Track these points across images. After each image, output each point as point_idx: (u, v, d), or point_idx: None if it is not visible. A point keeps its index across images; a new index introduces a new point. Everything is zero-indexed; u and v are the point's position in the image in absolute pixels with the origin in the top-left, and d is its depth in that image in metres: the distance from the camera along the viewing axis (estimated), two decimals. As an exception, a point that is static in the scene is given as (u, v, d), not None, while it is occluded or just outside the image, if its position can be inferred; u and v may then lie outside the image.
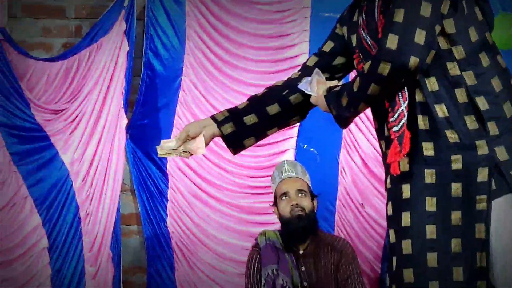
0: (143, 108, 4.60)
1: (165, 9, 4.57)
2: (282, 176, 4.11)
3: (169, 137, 4.37)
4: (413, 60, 2.27)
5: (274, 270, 3.96)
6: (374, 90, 2.36)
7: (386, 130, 2.47)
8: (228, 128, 2.63)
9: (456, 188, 2.40)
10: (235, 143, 2.64)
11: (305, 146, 4.64)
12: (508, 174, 2.35)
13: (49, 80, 4.45)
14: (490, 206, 2.36)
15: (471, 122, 2.40)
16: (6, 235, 4.26)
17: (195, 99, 4.63)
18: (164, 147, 2.60)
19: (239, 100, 4.07)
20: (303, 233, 4.01)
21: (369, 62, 2.36)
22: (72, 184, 4.39)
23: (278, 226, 4.12)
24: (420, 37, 2.33)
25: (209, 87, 4.60)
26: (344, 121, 2.39)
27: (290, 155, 4.54)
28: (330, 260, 4.05)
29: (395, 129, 2.43)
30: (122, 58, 4.43)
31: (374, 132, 2.86)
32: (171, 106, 4.58)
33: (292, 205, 3.94)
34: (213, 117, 2.60)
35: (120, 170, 4.47)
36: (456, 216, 2.40)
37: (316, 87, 2.52)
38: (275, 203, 4.06)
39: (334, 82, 2.56)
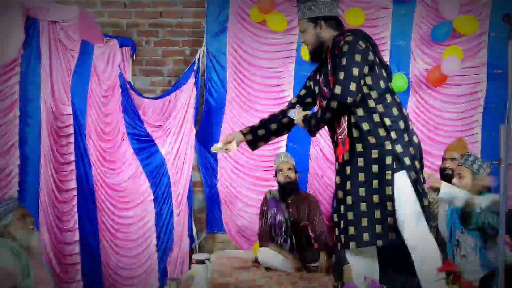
0: (204, 124, 5.68)
1: (215, 71, 5.64)
2: (279, 160, 5.07)
3: (218, 141, 5.20)
4: (350, 100, 3.17)
5: (275, 211, 5.00)
6: (328, 116, 3.29)
7: (335, 137, 3.42)
8: (249, 137, 3.68)
9: (375, 168, 3.26)
10: (253, 145, 3.74)
11: (291, 144, 5.59)
12: (402, 160, 3.25)
13: (153, 109, 5.47)
14: (393, 177, 3.23)
15: (382, 132, 3.27)
16: (133, 192, 5.31)
17: (232, 118, 5.64)
18: (215, 147, 3.74)
19: (256, 119, 4.76)
20: (290, 191, 4.99)
21: (326, 100, 3.26)
22: (166, 165, 5.40)
23: (277, 187, 5.09)
24: (353, 86, 3.18)
25: (239, 112, 5.62)
26: (312, 133, 3.47)
27: (283, 149, 5.54)
28: (305, 206, 5.02)
29: (340, 137, 3.36)
30: (193, 97, 5.47)
31: (329, 137, 3.90)
32: (219, 123, 5.65)
33: (284, 176, 4.97)
34: (241, 131, 3.74)
35: (192, 157, 5.51)
36: (375, 183, 3.25)
37: (297, 115, 3.51)
38: (275, 175, 5.07)
39: (306, 112, 3.52)
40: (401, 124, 3.32)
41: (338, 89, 3.19)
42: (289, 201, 5.04)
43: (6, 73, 4.89)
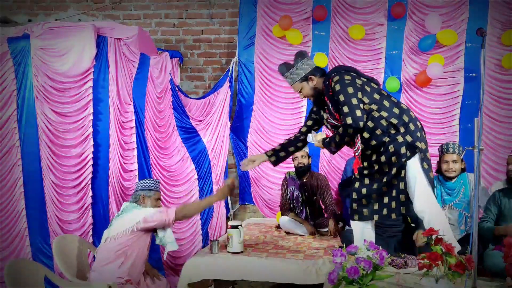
0: (237, 118, 5.72)
1: (246, 76, 5.68)
2: None
3: (248, 132, 5.66)
4: (361, 124, 3.24)
5: (293, 188, 5.02)
6: (348, 140, 3.40)
7: (353, 153, 3.58)
8: (272, 158, 3.88)
9: (394, 159, 3.28)
10: (275, 163, 3.93)
11: None
12: (414, 145, 3.27)
13: (197, 107, 5.49)
14: (406, 163, 3.29)
15: (392, 130, 3.30)
16: (181, 172, 5.29)
17: (259, 114, 5.67)
18: (242, 165, 3.93)
19: (278, 114, 5.51)
20: (303, 174, 5.01)
21: (341, 128, 3.30)
22: (207, 151, 5.44)
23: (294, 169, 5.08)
24: (358, 113, 3.24)
25: (264, 108, 5.65)
26: (333, 153, 3.59)
27: None
28: (316, 184, 5.05)
29: (356, 154, 3.50)
30: (228, 97, 5.51)
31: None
32: (248, 117, 5.70)
33: (298, 162, 4.99)
34: (265, 152, 3.91)
35: (227, 145, 5.58)
36: (394, 170, 3.31)
37: (314, 139, 3.61)
38: (293, 160, 5.05)
39: (321, 135, 3.60)
40: (405, 118, 3.33)
41: (349, 120, 3.23)
42: (304, 180, 5.06)
43: (82, 80, 4.95)
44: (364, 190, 3.40)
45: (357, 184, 3.45)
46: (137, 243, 3.68)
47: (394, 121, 3.29)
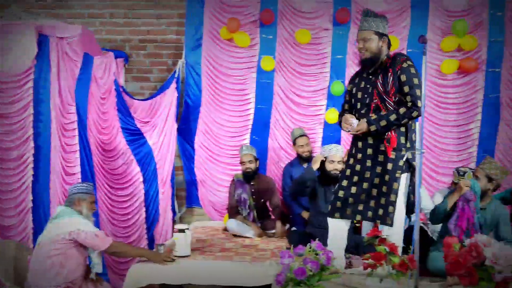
0: (183, 120, 5.65)
1: (193, 78, 5.64)
2: (242, 153, 5.05)
3: (195, 134, 5.60)
4: (420, 113, 3.25)
5: (241, 191, 5.02)
6: (406, 122, 3.31)
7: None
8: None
9: (389, 166, 3.33)
10: None
11: (254, 136, 5.62)
12: (411, 164, 3.32)
13: (142, 109, 5.36)
14: (400, 176, 3.34)
15: (402, 140, 3.36)
16: (126, 175, 5.21)
17: (206, 116, 5.63)
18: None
19: (225, 116, 5.49)
20: (251, 177, 5.02)
21: (404, 109, 3.22)
22: (153, 153, 5.33)
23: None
24: (420, 103, 3.27)
25: (212, 110, 5.61)
26: (376, 131, 3.31)
27: (247, 141, 5.59)
28: (264, 187, 5.07)
29: (387, 144, 3.39)
30: (174, 99, 5.41)
31: (285, 131, 4.69)
32: (195, 119, 5.65)
33: (245, 167, 5.00)
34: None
35: (174, 147, 5.45)
36: (387, 177, 3.34)
37: (354, 127, 3.42)
38: (241, 163, 5.06)
39: (362, 120, 3.40)
40: (413, 136, 3.40)
41: (419, 103, 3.24)
42: (252, 183, 5.08)
43: (22, 79, 4.82)
44: (354, 189, 3.44)
45: (345, 183, 3.49)
46: (73, 251, 3.64)
47: (408, 133, 3.39)
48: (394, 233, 3.31)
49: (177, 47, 5.79)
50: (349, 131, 3.47)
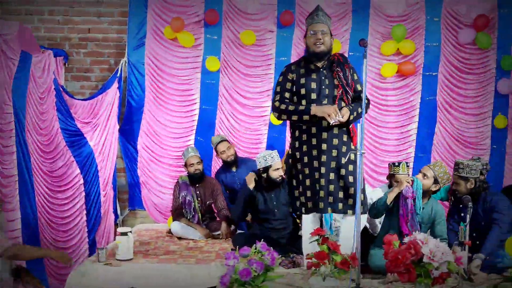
0: (126, 121, 5.62)
1: (136, 78, 5.60)
2: (188, 155, 5.03)
3: (137, 135, 5.58)
4: None
5: (185, 193, 5.02)
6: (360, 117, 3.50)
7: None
8: None
9: (343, 160, 3.49)
10: None
11: (199, 137, 5.62)
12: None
13: (83, 109, 5.29)
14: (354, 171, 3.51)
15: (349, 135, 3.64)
16: (66, 177, 5.07)
17: (150, 117, 5.60)
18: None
19: (169, 117, 5.47)
20: (199, 180, 5.02)
21: (361, 103, 3.32)
22: (94, 155, 5.28)
23: (186, 173, 5.09)
24: None
25: (155, 111, 5.59)
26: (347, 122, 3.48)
27: (191, 142, 5.58)
28: (209, 188, 5.07)
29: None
30: (116, 99, 5.40)
31: (230, 130, 4.69)
32: (139, 120, 5.62)
33: (194, 169, 4.99)
34: None
35: (116, 148, 5.47)
36: (342, 171, 3.52)
37: (339, 117, 3.44)
38: (185, 166, 5.05)
39: (344, 109, 3.48)
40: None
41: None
42: (197, 185, 5.07)
43: (-47, 78, 4.56)
44: (317, 185, 3.52)
45: (308, 182, 3.55)
46: None
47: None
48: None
49: (119, 46, 5.72)
50: (333, 122, 3.46)
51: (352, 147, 3.54)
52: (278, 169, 4.37)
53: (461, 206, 3.94)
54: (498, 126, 5.50)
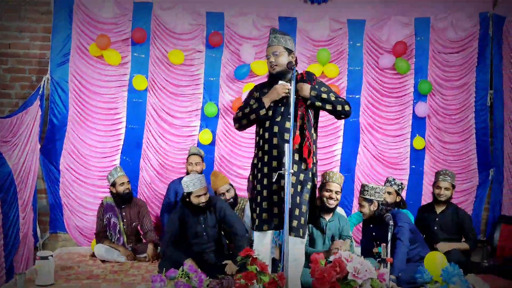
0: (47, 140, 5.45)
1: (59, 95, 5.45)
2: (117, 175, 4.94)
3: (60, 155, 5.40)
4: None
5: (110, 215, 4.96)
6: (338, 108, 3.51)
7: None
8: None
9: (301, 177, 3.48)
10: None
11: (125, 157, 5.52)
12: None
13: (1, 127, 4.86)
14: (310, 188, 3.54)
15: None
16: None
17: (73, 136, 5.45)
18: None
19: (94, 137, 5.38)
20: (126, 200, 4.95)
21: (343, 104, 3.47)
22: (13, 175, 4.91)
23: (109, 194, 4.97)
24: None
25: (80, 130, 5.44)
26: (312, 101, 3.46)
27: (117, 162, 5.47)
28: (135, 209, 5.03)
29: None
30: (38, 117, 5.23)
31: (156, 150, 4.66)
32: (61, 139, 5.46)
33: (125, 188, 4.92)
34: None
35: (36, 168, 5.29)
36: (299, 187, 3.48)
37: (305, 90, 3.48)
38: (113, 186, 4.91)
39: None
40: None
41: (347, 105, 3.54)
42: (123, 206, 5.00)
43: None
44: (265, 204, 3.46)
45: (259, 199, 3.48)
46: None
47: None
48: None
49: (41, 63, 5.55)
50: (287, 93, 3.47)
51: (303, 167, 3.51)
52: (199, 195, 4.28)
53: (371, 225, 4.17)
54: (416, 147, 5.73)
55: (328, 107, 3.50)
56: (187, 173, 5.12)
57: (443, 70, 5.76)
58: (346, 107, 3.53)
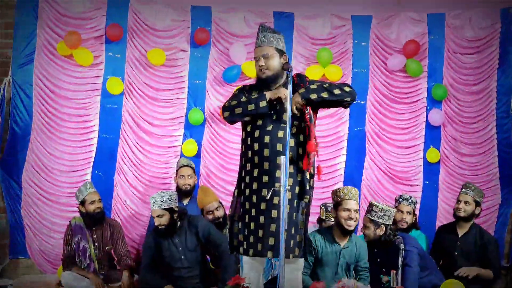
0: (8, 151, 5.21)
1: (21, 100, 5.22)
2: (87, 191, 4.68)
3: (22, 168, 5.14)
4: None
5: (79, 238, 4.69)
6: (338, 97, 3.29)
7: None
8: None
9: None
10: None
11: (97, 171, 5.22)
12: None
13: None
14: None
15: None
16: None
17: (38, 147, 5.20)
18: None
19: (62, 147, 5.08)
20: (100, 220, 4.69)
21: (344, 91, 3.25)
22: None
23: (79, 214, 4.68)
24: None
25: (45, 140, 5.18)
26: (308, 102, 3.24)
27: (88, 177, 5.20)
28: (108, 231, 4.75)
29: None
30: (-3, 125, 4.90)
31: (133, 164, 4.34)
32: (24, 150, 5.23)
33: (95, 207, 4.64)
34: None
35: None
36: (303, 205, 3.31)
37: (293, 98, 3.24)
38: (82, 204, 4.64)
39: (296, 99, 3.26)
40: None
41: (347, 87, 3.33)
42: (94, 228, 4.69)
43: None
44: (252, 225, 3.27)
45: (254, 212, 3.27)
46: None
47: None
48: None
49: (2, 63, 5.24)
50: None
51: (299, 178, 3.27)
52: (157, 216, 4.24)
53: (375, 250, 4.02)
54: (430, 160, 5.42)
55: (324, 95, 3.26)
56: (178, 188, 4.93)
57: (460, 73, 5.49)
58: (346, 88, 3.30)
